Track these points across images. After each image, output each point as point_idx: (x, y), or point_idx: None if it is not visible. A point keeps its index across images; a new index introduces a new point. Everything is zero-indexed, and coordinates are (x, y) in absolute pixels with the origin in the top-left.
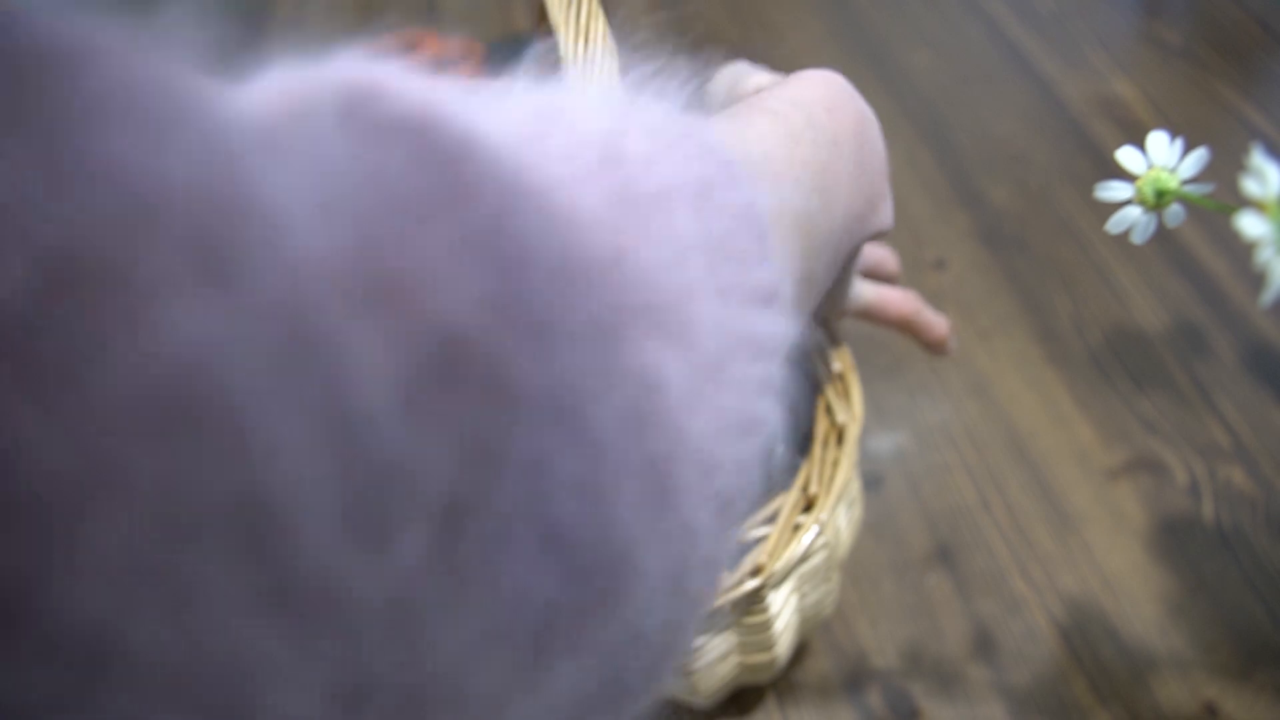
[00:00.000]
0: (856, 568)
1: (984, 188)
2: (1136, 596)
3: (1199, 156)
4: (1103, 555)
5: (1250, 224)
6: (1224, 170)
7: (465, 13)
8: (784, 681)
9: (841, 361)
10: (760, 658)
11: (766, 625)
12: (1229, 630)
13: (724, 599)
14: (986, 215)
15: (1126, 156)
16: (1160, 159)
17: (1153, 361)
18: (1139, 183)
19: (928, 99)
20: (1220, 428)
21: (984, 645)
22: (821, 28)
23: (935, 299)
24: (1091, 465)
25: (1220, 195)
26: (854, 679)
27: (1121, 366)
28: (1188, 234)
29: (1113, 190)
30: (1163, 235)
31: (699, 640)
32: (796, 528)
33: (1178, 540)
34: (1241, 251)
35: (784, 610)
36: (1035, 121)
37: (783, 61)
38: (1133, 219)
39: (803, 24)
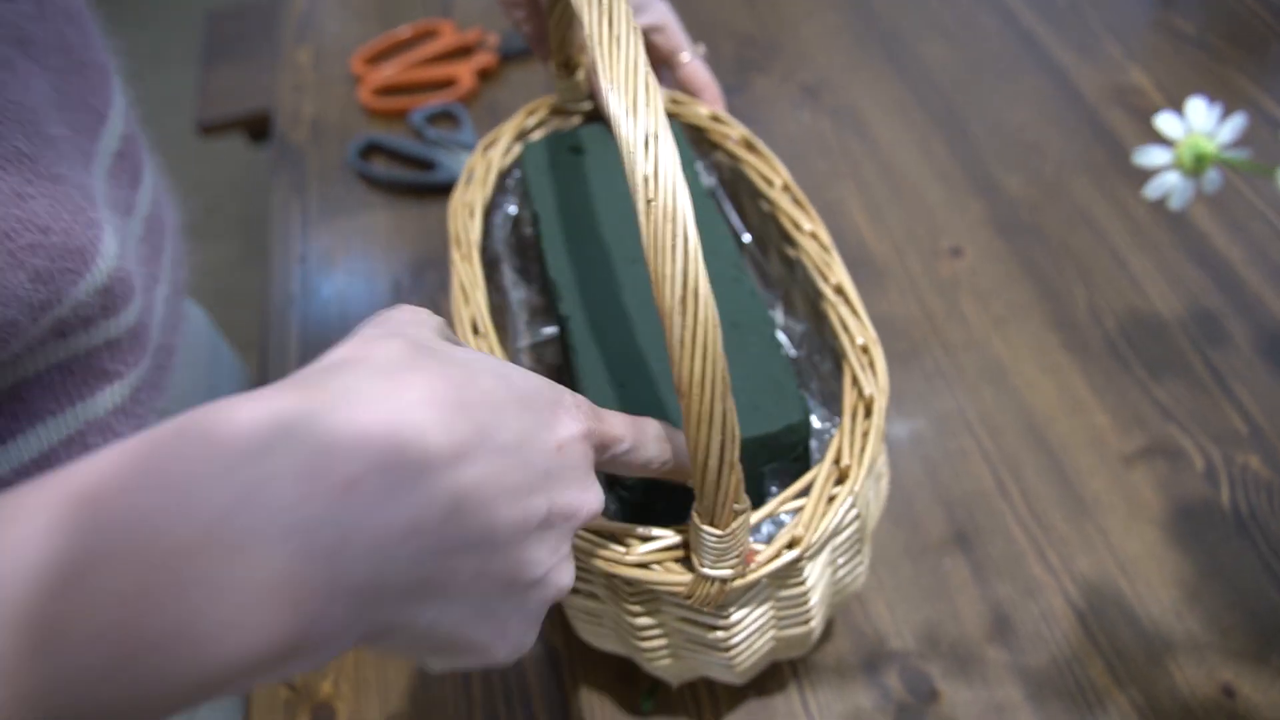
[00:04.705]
0: (875, 551)
1: (999, 176)
2: (1153, 580)
3: (1237, 122)
4: (1119, 540)
5: None
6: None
7: (480, 3)
8: (804, 663)
9: (864, 335)
10: (797, 631)
11: (804, 597)
12: (1246, 614)
13: (762, 572)
14: (1002, 204)
15: (1165, 122)
16: (1199, 124)
17: (1169, 348)
18: (1178, 148)
19: (942, 89)
20: (1237, 414)
21: (1001, 628)
22: (836, 18)
23: (951, 287)
24: (1108, 451)
25: (1236, 181)
26: (872, 661)
27: (1137, 353)
28: (1203, 222)
29: (1151, 155)
30: (1178, 223)
31: (736, 614)
32: (830, 499)
33: (1194, 525)
34: (1257, 238)
35: (819, 582)
36: (1050, 110)
37: (796, 52)
38: (1170, 184)
39: (817, 15)
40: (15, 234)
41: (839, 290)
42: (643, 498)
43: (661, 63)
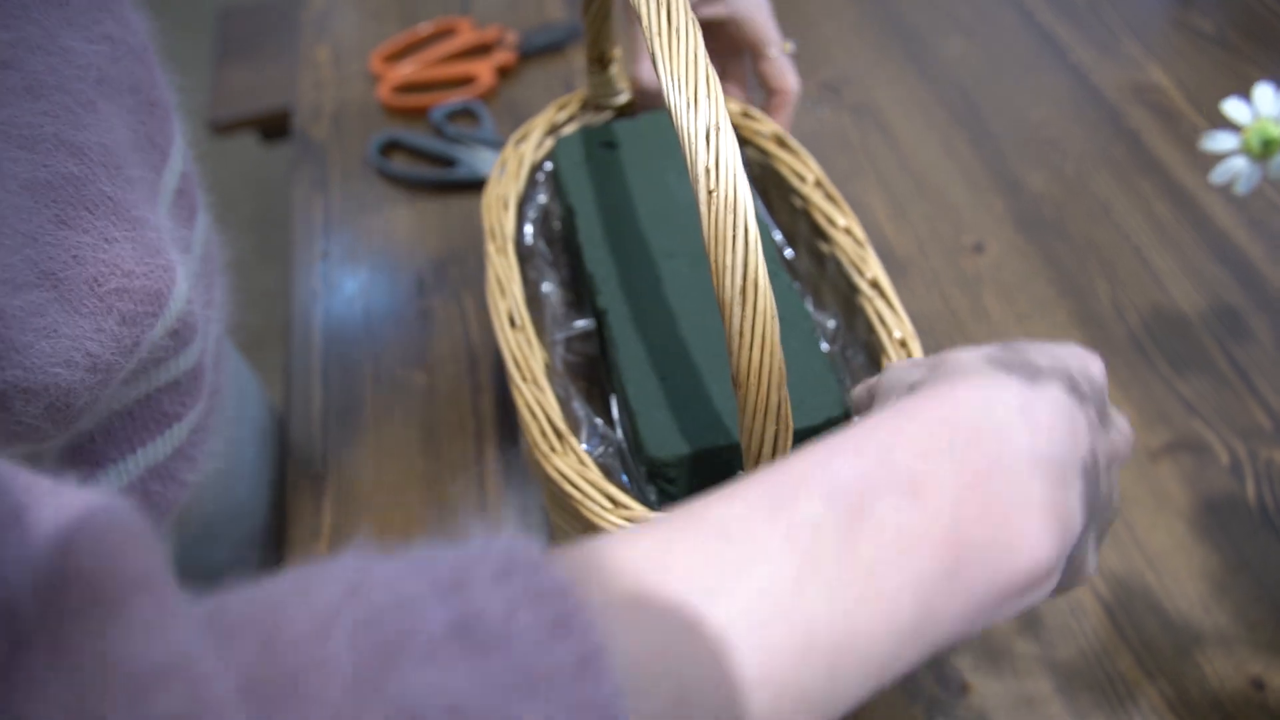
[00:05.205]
0: None
1: (1021, 173)
2: (1180, 574)
3: None
4: (1146, 534)
5: None
6: None
7: (500, 1)
8: None
9: (902, 329)
10: None
11: None
12: (1273, 607)
13: None
14: (1024, 200)
15: (1233, 108)
16: (1266, 110)
17: (1192, 344)
18: (1245, 133)
19: (962, 86)
20: (1261, 410)
21: (1030, 621)
22: (855, 16)
23: (974, 283)
24: (1133, 446)
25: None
26: None
27: (1161, 349)
28: (1224, 219)
29: (1219, 140)
30: (1199, 220)
31: None
32: None
33: (1220, 519)
34: (1279, 236)
35: None
36: (1070, 108)
37: (816, 50)
38: (1237, 169)
39: (836, 12)
40: (103, 279)
41: (875, 285)
42: (685, 489)
43: (745, 51)
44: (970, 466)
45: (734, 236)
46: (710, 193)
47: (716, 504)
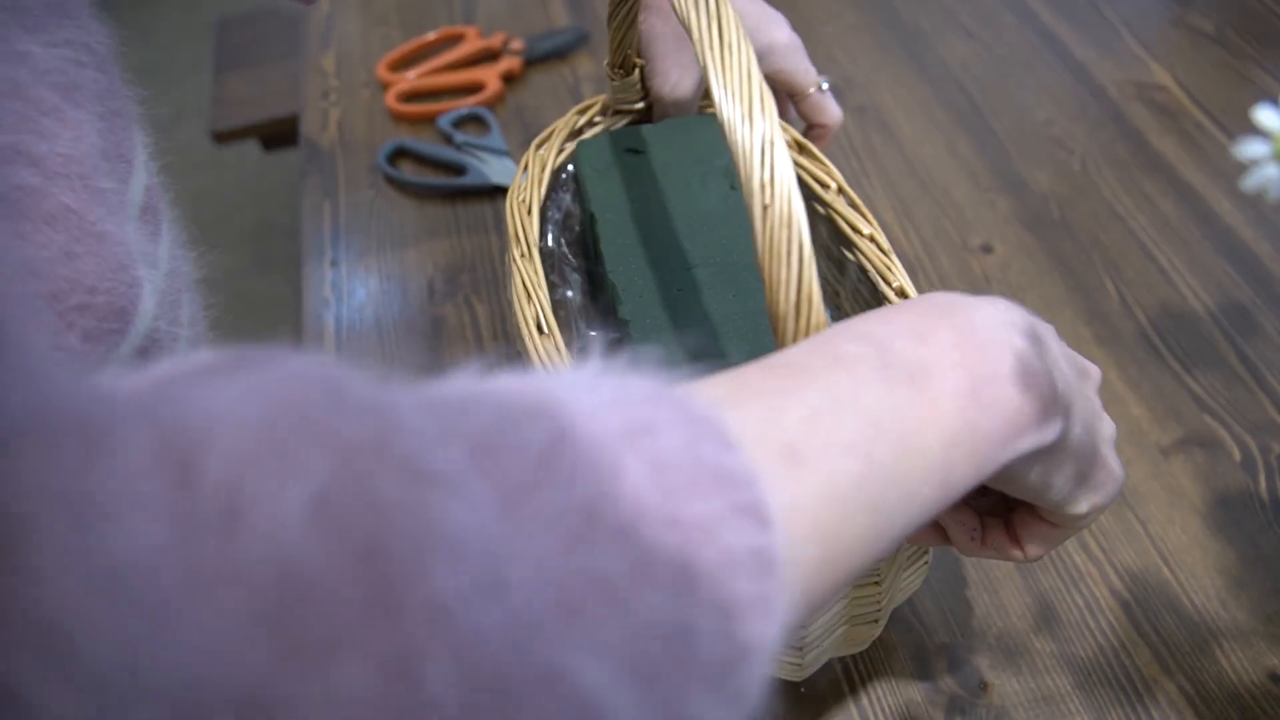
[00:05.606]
0: None
1: (1026, 173)
2: (1195, 570)
3: None
4: (1160, 530)
5: None
6: None
7: (505, 8)
8: (854, 657)
9: None
10: (865, 630)
11: (878, 597)
12: None
13: None
14: (1030, 200)
15: (1264, 115)
16: None
17: (1201, 340)
18: (1277, 140)
19: (965, 87)
20: (1271, 404)
21: (1047, 619)
22: (856, 19)
23: (982, 282)
24: (1145, 443)
25: None
26: (921, 654)
27: (1170, 346)
28: (1230, 215)
29: (1251, 147)
30: (1206, 217)
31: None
32: None
33: (1234, 515)
34: None
35: (891, 581)
36: (1073, 107)
37: (819, 53)
38: (1269, 177)
39: (838, 15)
40: (64, 295)
41: (902, 294)
42: None
43: (782, 94)
44: (955, 324)
45: (788, 251)
46: (765, 208)
47: (769, 357)
